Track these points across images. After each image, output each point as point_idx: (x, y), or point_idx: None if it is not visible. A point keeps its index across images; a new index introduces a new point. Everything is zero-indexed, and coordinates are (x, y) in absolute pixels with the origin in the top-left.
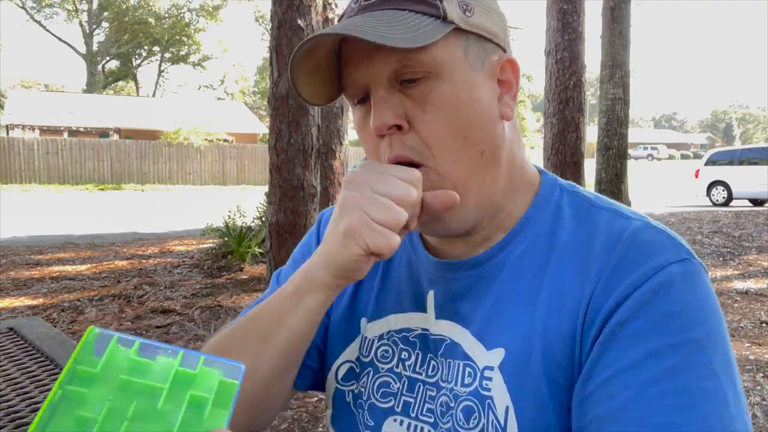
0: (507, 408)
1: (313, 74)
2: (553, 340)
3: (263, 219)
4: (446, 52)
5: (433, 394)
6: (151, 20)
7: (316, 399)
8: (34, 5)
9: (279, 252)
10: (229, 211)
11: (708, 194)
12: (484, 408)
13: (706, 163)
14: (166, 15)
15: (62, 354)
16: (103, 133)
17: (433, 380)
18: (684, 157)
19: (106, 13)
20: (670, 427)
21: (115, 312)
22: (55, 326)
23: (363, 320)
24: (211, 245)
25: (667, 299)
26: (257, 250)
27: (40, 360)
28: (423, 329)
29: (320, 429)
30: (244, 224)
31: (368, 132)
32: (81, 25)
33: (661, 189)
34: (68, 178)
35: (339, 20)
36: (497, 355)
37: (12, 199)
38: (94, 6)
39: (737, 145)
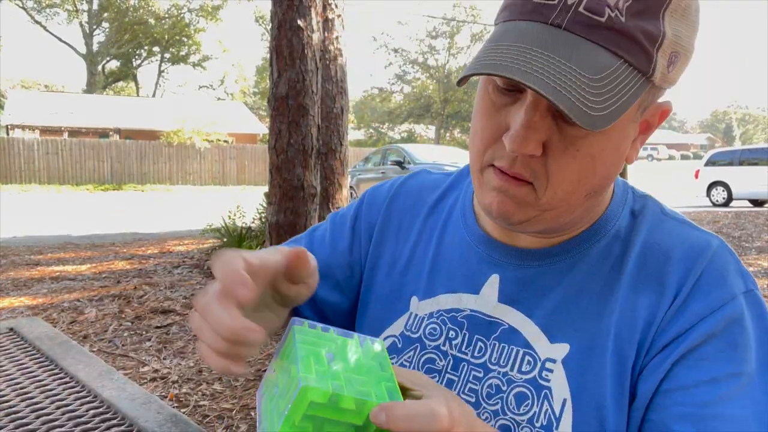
0: (564, 400)
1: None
2: (624, 344)
3: (263, 219)
4: None
5: (480, 375)
6: (151, 20)
7: None
8: (35, 6)
9: None
10: (229, 212)
11: (708, 195)
12: (539, 397)
13: (706, 164)
14: (166, 15)
15: (62, 354)
16: (103, 134)
17: (479, 361)
18: (684, 157)
19: (106, 14)
20: None
21: (115, 312)
22: (55, 326)
23: (414, 298)
24: (211, 245)
25: (735, 330)
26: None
27: (40, 360)
28: (473, 310)
29: None
30: (244, 224)
31: (496, 121)
32: (81, 25)
33: (661, 189)
34: (68, 178)
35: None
36: (561, 350)
37: (12, 199)
38: (95, 6)
39: (737, 145)
